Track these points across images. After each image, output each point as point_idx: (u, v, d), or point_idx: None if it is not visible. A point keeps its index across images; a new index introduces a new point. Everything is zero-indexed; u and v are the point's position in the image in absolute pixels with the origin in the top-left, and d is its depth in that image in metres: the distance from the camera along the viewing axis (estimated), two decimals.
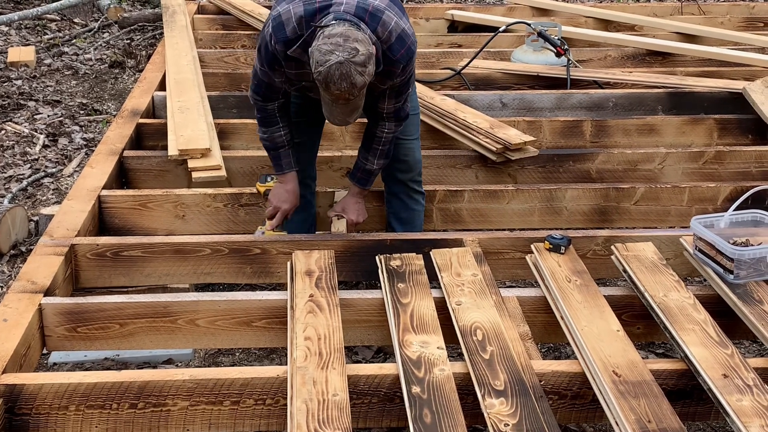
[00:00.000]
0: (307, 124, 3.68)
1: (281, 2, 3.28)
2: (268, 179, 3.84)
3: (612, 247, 3.37)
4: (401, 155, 3.72)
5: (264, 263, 3.53)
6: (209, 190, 3.97)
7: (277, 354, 3.66)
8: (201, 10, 7.38)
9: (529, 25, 5.83)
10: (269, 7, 6.95)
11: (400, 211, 3.82)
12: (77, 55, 7.50)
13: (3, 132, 5.79)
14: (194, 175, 3.95)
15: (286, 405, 2.59)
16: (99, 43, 7.79)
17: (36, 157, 5.50)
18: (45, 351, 3.19)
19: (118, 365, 3.58)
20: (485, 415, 2.45)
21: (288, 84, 3.38)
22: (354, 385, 2.64)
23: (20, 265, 4.15)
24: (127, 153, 4.37)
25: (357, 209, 3.70)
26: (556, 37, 5.65)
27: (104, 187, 3.96)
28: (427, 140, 4.62)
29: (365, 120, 3.64)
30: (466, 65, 5.54)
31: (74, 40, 7.87)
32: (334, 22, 3.06)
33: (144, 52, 7.36)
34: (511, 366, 2.65)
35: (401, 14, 3.28)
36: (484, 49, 5.81)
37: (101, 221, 3.90)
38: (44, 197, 5.03)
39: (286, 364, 2.70)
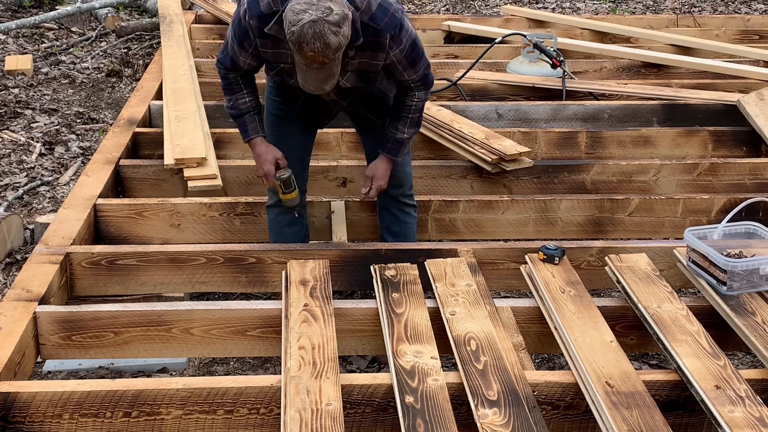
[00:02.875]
0: (297, 136, 3.64)
1: None
2: None
3: (606, 258, 3.38)
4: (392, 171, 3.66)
5: (259, 272, 3.54)
6: (205, 199, 3.97)
7: (271, 363, 3.66)
8: (198, 19, 7.40)
9: (525, 36, 5.86)
10: None
11: (392, 225, 3.80)
12: (74, 63, 7.51)
13: None
14: (190, 184, 3.96)
15: (279, 414, 2.60)
16: (96, 52, 7.80)
17: (32, 165, 5.51)
18: (39, 359, 3.19)
19: (113, 374, 3.58)
20: (478, 425, 2.45)
21: (267, 68, 3.37)
22: (348, 395, 2.64)
23: (15, 273, 4.15)
24: (123, 162, 4.37)
25: (386, 177, 3.59)
26: (552, 49, 5.67)
27: (100, 196, 3.97)
28: (423, 150, 4.64)
29: (353, 130, 3.60)
30: (462, 76, 5.56)
31: (71, 49, 7.88)
32: None
33: (141, 62, 7.38)
34: (504, 376, 2.65)
35: None
36: (480, 60, 5.84)
37: (97, 230, 3.91)
38: (40, 205, 5.03)
39: (280, 374, 2.71)
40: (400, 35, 3.22)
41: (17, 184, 5.25)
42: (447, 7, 9.57)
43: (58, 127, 6.10)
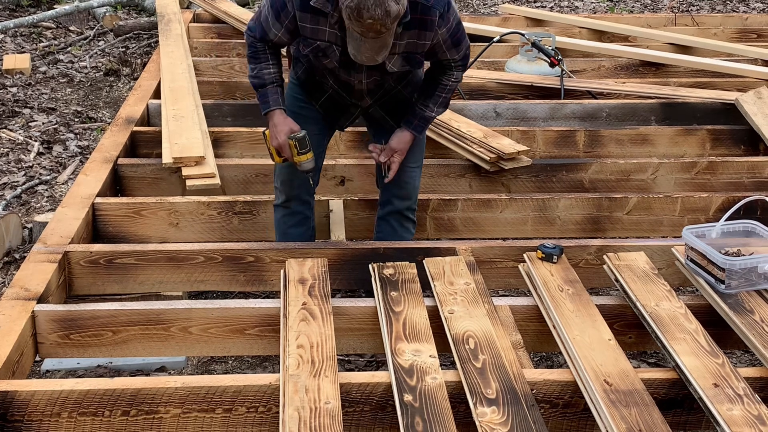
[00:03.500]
0: (315, 137, 3.57)
1: None
2: None
3: (604, 256, 3.39)
4: (402, 181, 3.63)
5: (257, 271, 3.54)
6: (203, 198, 3.97)
7: (269, 362, 3.66)
8: (196, 18, 7.39)
9: (523, 35, 5.86)
10: None
11: (387, 237, 3.71)
12: (72, 62, 7.51)
13: None
14: (188, 183, 3.96)
15: (278, 413, 2.60)
16: (94, 51, 7.80)
17: (30, 164, 5.51)
18: (38, 358, 3.19)
19: (111, 372, 3.58)
20: (477, 423, 2.45)
21: (302, 45, 3.30)
22: (346, 393, 2.65)
23: (13, 272, 4.15)
24: (121, 161, 4.37)
25: (405, 149, 3.50)
26: (550, 48, 5.67)
27: (98, 195, 3.97)
28: None
29: (364, 129, 3.58)
30: None
31: (70, 48, 7.88)
32: None
33: (139, 60, 7.37)
34: (503, 375, 2.65)
35: None
36: (478, 59, 5.84)
37: (95, 229, 3.90)
38: (38, 204, 5.03)
39: (279, 372, 2.71)
40: (448, 13, 3.20)
41: (15, 183, 5.25)
42: None
43: (56, 126, 6.10)
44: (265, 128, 3.54)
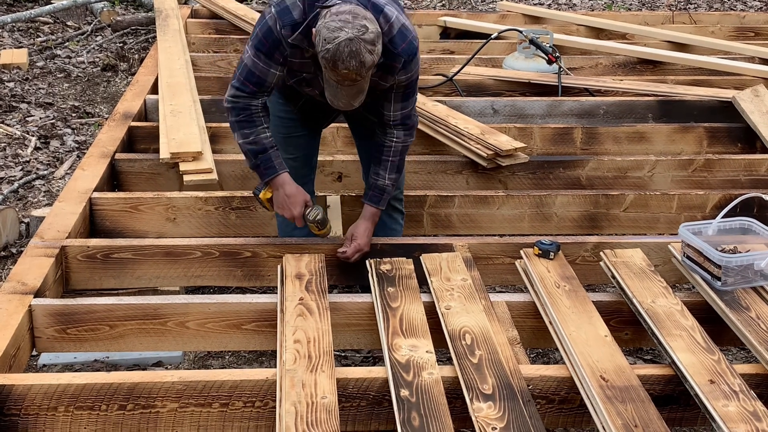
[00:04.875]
0: (304, 138, 3.59)
1: None
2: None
3: (601, 253, 3.39)
4: None
5: (254, 266, 3.54)
6: (200, 194, 3.97)
7: (266, 357, 3.66)
8: (194, 14, 7.39)
9: (521, 32, 5.86)
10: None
11: (376, 231, 3.64)
12: (70, 57, 7.50)
13: None
14: (186, 178, 3.96)
15: (275, 407, 2.60)
16: (92, 46, 7.79)
17: (27, 159, 5.50)
18: (34, 352, 3.19)
19: (108, 367, 3.58)
20: (473, 418, 2.46)
21: (287, 76, 3.26)
22: (343, 388, 2.65)
23: (10, 267, 4.15)
24: (118, 156, 4.37)
25: (368, 236, 3.44)
26: (548, 45, 5.67)
27: (95, 190, 3.97)
28: (419, 146, 4.64)
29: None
30: (458, 71, 5.56)
31: (67, 43, 7.87)
32: (339, 1, 2.99)
33: (137, 56, 7.37)
34: (499, 370, 2.66)
35: (401, 12, 3.22)
36: (476, 56, 5.83)
37: (92, 223, 3.90)
38: (35, 199, 5.03)
39: (276, 367, 2.71)
40: (411, 63, 3.20)
41: (12, 178, 5.24)
42: (443, 2, 9.56)
43: (53, 121, 6.09)
44: (258, 190, 3.43)
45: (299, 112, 3.54)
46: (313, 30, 2.99)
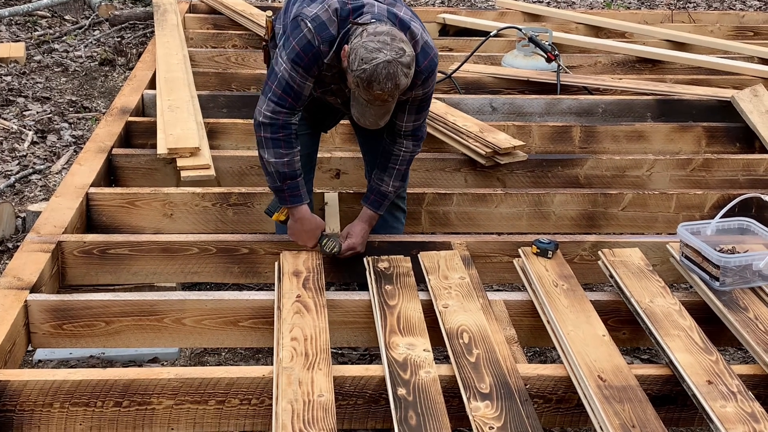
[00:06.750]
0: (305, 137, 3.53)
1: (302, 4, 3.14)
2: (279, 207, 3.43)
3: (599, 252, 3.39)
4: None
5: (252, 263, 3.53)
6: (198, 189, 3.96)
7: (263, 354, 3.66)
8: (192, 9, 7.36)
9: (520, 30, 5.85)
10: (261, 8, 6.95)
11: (378, 229, 3.64)
12: (67, 52, 7.48)
13: None
14: (183, 174, 3.95)
15: (271, 405, 2.59)
16: (89, 40, 7.77)
17: (24, 153, 5.49)
18: (30, 348, 3.18)
19: (104, 363, 3.57)
20: (470, 417, 2.45)
21: (315, 86, 3.21)
22: (340, 386, 2.64)
23: (6, 262, 4.14)
24: (115, 151, 4.36)
25: (364, 237, 3.42)
26: (547, 43, 5.66)
27: (92, 185, 3.95)
28: None
29: (347, 122, 3.54)
30: (457, 69, 5.55)
31: (65, 37, 7.85)
32: (374, 20, 2.98)
33: (134, 51, 7.35)
34: (496, 369, 2.65)
35: (424, 28, 3.21)
36: (474, 54, 5.82)
37: (89, 219, 3.89)
38: (32, 194, 5.01)
39: (272, 365, 2.70)
40: (429, 80, 3.21)
41: (9, 172, 5.23)
42: None
43: (50, 115, 6.08)
44: (271, 211, 3.43)
45: (304, 111, 3.53)
46: (346, 47, 2.99)
